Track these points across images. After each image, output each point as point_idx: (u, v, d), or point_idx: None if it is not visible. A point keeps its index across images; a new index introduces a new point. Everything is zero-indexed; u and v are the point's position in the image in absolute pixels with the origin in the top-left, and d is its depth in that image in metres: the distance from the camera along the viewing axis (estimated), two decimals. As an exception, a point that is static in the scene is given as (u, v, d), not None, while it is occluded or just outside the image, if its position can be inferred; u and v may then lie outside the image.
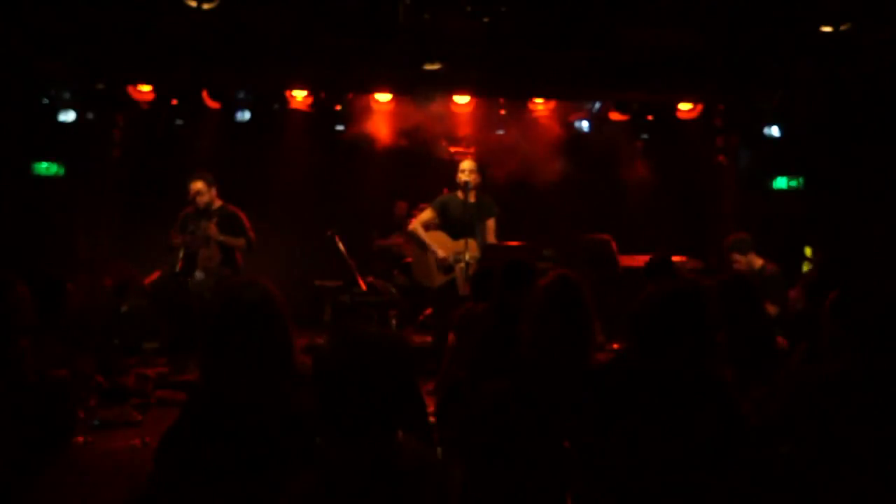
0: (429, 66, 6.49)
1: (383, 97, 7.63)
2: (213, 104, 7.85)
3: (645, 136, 8.58)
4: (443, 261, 6.18)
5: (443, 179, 7.15)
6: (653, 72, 6.88)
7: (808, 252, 7.15)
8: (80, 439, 4.10)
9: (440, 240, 6.28)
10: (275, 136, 8.35)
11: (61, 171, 7.89)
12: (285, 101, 7.80)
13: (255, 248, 6.50)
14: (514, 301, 3.30)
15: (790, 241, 7.52)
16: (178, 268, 6.28)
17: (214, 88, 7.70)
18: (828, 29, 5.64)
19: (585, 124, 8.37)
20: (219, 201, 6.46)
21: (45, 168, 7.86)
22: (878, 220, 7.23)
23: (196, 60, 6.78)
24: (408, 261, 7.31)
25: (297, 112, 7.99)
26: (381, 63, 6.69)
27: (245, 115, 7.98)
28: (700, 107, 7.87)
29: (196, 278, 6.24)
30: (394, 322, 6.96)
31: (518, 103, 7.99)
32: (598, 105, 8.18)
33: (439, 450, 3.18)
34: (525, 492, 2.44)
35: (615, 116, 8.08)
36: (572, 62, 6.69)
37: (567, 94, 7.75)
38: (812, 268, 6.71)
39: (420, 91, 7.11)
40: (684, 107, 7.85)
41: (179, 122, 8.35)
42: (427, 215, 6.40)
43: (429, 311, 7.35)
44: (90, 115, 7.64)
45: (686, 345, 2.31)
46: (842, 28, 5.60)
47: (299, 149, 8.45)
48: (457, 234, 6.20)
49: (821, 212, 7.76)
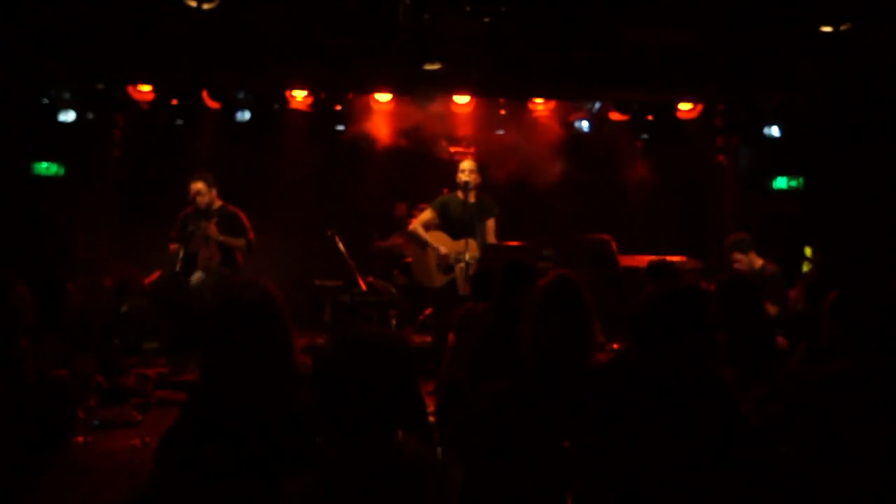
0: (429, 66, 6.49)
1: (383, 97, 7.63)
2: (213, 104, 7.85)
3: (645, 136, 8.58)
4: (445, 257, 6.18)
5: (443, 179, 7.14)
6: (653, 72, 6.88)
7: (808, 252, 7.15)
8: (80, 439, 4.10)
9: (440, 240, 6.29)
10: (275, 136, 8.34)
11: (61, 171, 7.89)
12: (285, 101, 7.81)
13: (255, 248, 6.51)
14: (514, 301, 3.30)
15: (790, 241, 7.52)
16: (178, 268, 6.29)
17: (214, 88, 7.70)
18: (828, 29, 5.64)
19: (585, 124, 8.36)
20: (219, 201, 6.47)
21: (45, 168, 7.87)
22: (878, 220, 7.23)
23: (196, 60, 6.78)
24: (408, 261, 7.31)
25: (297, 112, 8.00)
26: (381, 63, 6.69)
27: (245, 115, 7.98)
28: (700, 107, 7.87)
29: (195, 278, 6.25)
30: (394, 322, 6.95)
31: (518, 103, 7.99)
32: (598, 105, 8.17)
33: (439, 450, 3.18)
34: (525, 492, 2.43)
35: (615, 116, 8.08)
36: (572, 62, 6.69)
37: (567, 94, 7.75)
38: (812, 268, 6.71)
39: (420, 91, 7.11)
40: (684, 107, 7.85)
41: (179, 122, 8.36)
42: (427, 215, 6.41)
43: (429, 311, 7.34)
44: (90, 115, 7.65)
45: (686, 345, 2.31)
46: (842, 28, 5.60)
47: (299, 149, 8.44)
48: (457, 234, 6.20)
49: (821, 212, 7.75)
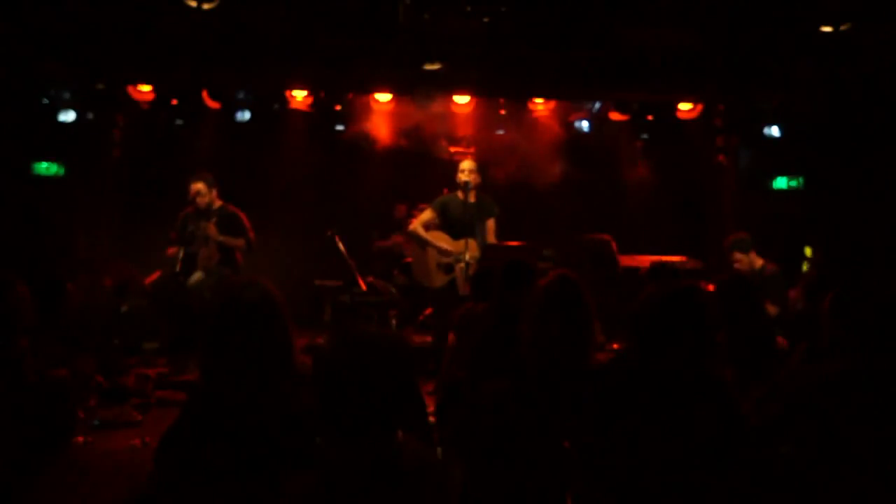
0: (429, 66, 6.50)
1: (383, 97, 7.63)
2: (213, 104, 7.85)
3: (645, 136, 8.59)
4: (447, 253, 6.18)
5: (443, 179, 7.14)
6: (653, 72, 6.88)
7: (808, 252, 7.15)
8: (80, 439, 4.10)
9: (440, 240, 6.28)
10: (275, 136, 8.34)
11: (61, 171, 7.89)
12: (285, 101, 7.81)
13: (255, 248, 6.51)
14: (514, 301, 3.30)
15: (790, 241, 7.52)
16: (178, 268, 6.28)
17: (214, 88, 7.70)
18: (828, 29, 5.65)
19: (585, 124, 8.37)
20: (219, 202, 6.47)
21: (45, 168, 7.87)
22: (878, 220, 7.23)
23: (196, 60, 6.78)
24: (408, 261, 7.31)
25: (297, 112, 8.00)
26: (381, 63, 6.69)
27: (245, 115, 7.99)
28: (700, 107, 7.87)
29: (195, 278, 6.25)
30: (394, 322, 6.95)
31: (518, 103, 7.99)
32: (598, 105, 8.17)
33: (439, 450, 3.18)
34: (525, 492, 2.43)
35: (615, 116, 8.08)
36: (572, 62, 6.69)
37: (567, 94, 7.75)
38: (811, 267, 6.71)
39: (420, 91, 7.11)
40: (684, 107, 7.85)
41: (179, 122, 8.36)
42: (427, 215, 6.40)
43: (429, 311, 7.34)
44: (90, 115, 7.65)
45: (686, 345, 2.30)
46: (842, 28, 5.60)
47: (299, 149, 8.45)
48: (457, 234, 6.20)
49: (821, 212, 7.75)
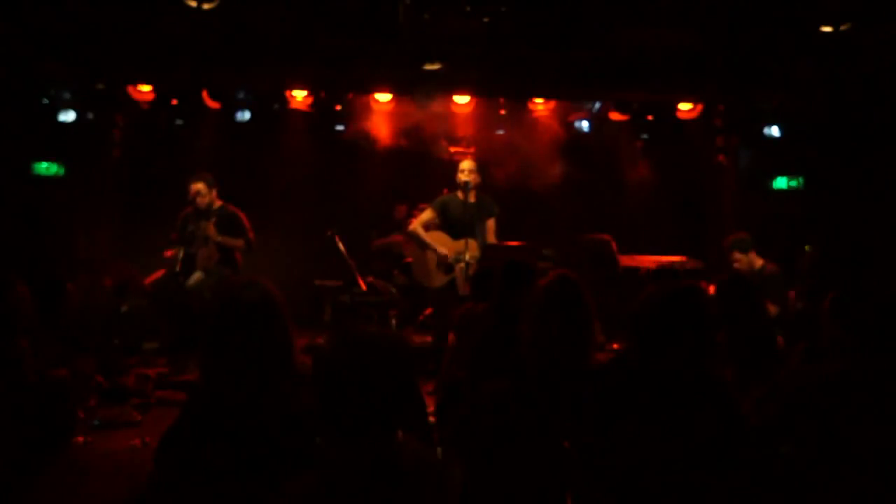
0: (429, 66, 6.50)
1: (383, 97, 7.63)
2: (213, 104, 7.85)
3: (645, 136, 8.59)
4: (444, 258, 6.18)
5: (443, 179, 7.14)
6: (653, 72, 6.88)
7: (808, 249, 7.16)
8: (80, 439, 4.10)
9: (440, 240, 6.28)
10: (275, 136, 8.34)
11: (61, 171, 7.89)
12: (285, 101, 7.80)
13: (255, 248, 6.50)
14: (514, 301, 3.30)
15: (790, 241, 7.52)
16: (178, 268, 6.28)
17: (214, 88, 7.70)
18: (828, 29, 5.65)
19: (585, 124, 8.37)
20: (219, 202, 6.47)
21: (45, 168, 7.86)
22: (878, 220, 7.23)
23: (196, 60, 6.78)
24: (408, 261, 7.30)
25: (297, 112, 8.00)
26: (381, 63, 6.69)
27: (245, 115, 7.98)
28: (700, 107, 7.87)
29: (195, 278, 6.24)
30: (394, 322, 6.95)
31: (518, 103, 7.99)
32: (598, 105, 8.17)
33: (439, 450, 3.18)
34: (525, 492, 2.43)
35: (615, 116, 8.08)
36: (572, 62, 6.69)
37: (567, 94, 7.75)
38: (807, 265, 6.70)
39: (420, 91, 7.11)
40: (684, 107, 7.85)
41: (179, 122, 8.36)
42: (427, 216, 6.40)
43: (429, 311, 7.35)
44: (90, 115, 7.65)
45: (686, 345, 2.30)
46: (842, 28, 5.60)
47: (299, 149, 8.45)
48: (457, 234, 6.20)
49: (821, 212, 7.75)
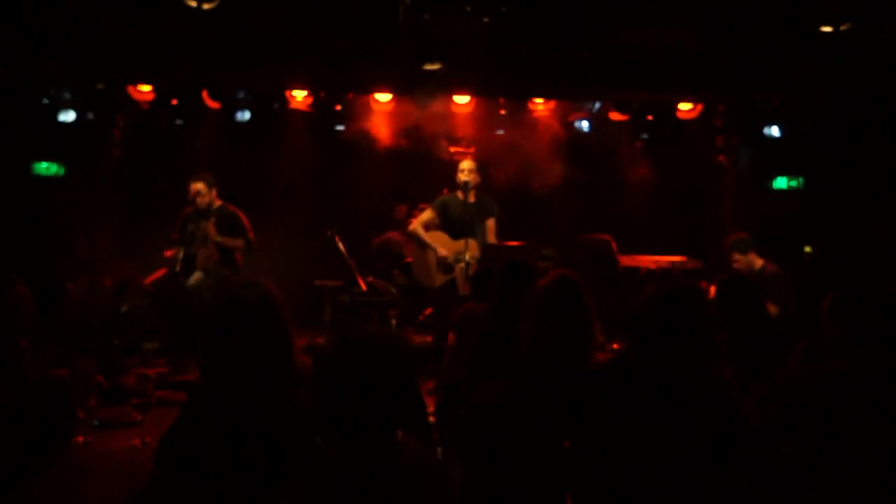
0: (429, 66, 6.50)
1: (383, 97, 7.63)
2: (213, 104, 7.85)
3: (645, 136, 8.58)
4: (444, 258, 6.18)
5: (443, 179, 7.14)
6: (653, 72, 6.88)
7: (808, 251, 7.17)
8: (80, 439, 4.10)
9: (440, 240, 6.28)
10: (275, 136, 8.34)
11: (61, 171, 7.89)
12: (285, 101, 7.81)
13: (255, 248, 6.50)
14: (514, 301, 3.30)
15: (790, 241, 7.52)
16: (178, 268, 6.28)
17: (214, 88, 7.70)
18: (828, 29, 5.65)
19: (585, 124, 8.37)
20: (219, 201, 6.47)
21: (45, 168, 7.86)
22: (878, 220, 7.23)
23: (196, 60, 6.78)
24: (408, 261, 7.30)
25: (297, 112, 8.00)
26: (381, 63, 6.69)
27: (245, 115, 7.98)
28: (700, 107, 7.87)
29: (195, 278, 6.24)
30: (394, 322, 6.95)
31: (518, 103, 7.99)
32: (598, 105, 8.17)
33: (439, 450, 3.18)
34: (525, 492, 2.43)
35: (615, 116, 8.08)
36: (572, 62, 6.70)
37: (567, 94, 7.75)
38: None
39: (420, 91, 7.11)
40: (684, 107, 7.85)
41: (179, 122, 8.36)
42: (427, 216, 6.40)
43: (429, 311, 7.34)
44: (90, 115, 7.65)
45: (686, 345, 2.31)
46: (842, 28, 5.60)
47: (299, 149, 8.45)
48: (457, 234, 6.20)
49: (821, 212, 7.76)
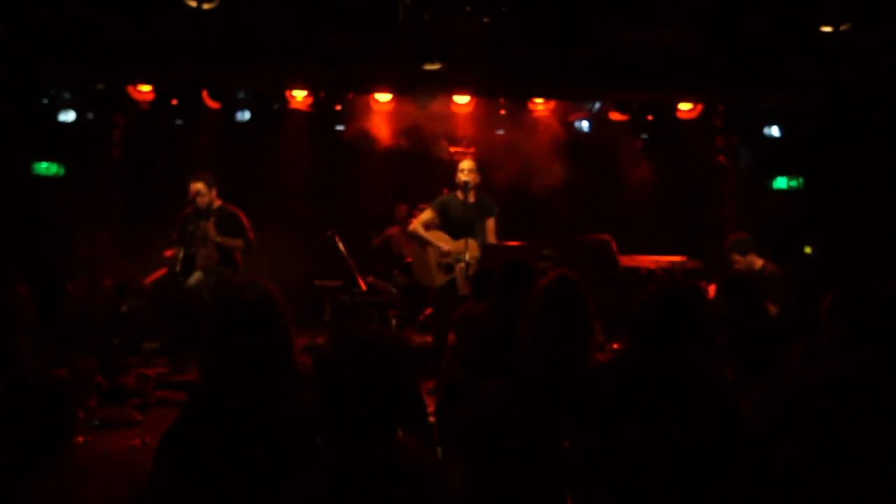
0: (429, 66, 6.50)
1: (383, 97, 7.63)
2: (213, 104, 7.85)
3: (645, 136, 8.59)
4: (447, 254, 6.17)
5: (443, 179, 7.14)
6: (653, 72, 6.88)
7: (808, 251, 7.17)
8: (80, 439, 4.10)
9: (441, 240, 6.28)
10: (275, 136, 8.35)
11: (61, 171, 7.89)
12: (285, 101, 7.81)
13: (255, 248, 6.50)
14: (514, 301, 3.30)
15: (790, 241, 7.52)
16: (178, 268, 6.28)
17: (214, 88, 7.70)
18: (828, 29, 5.65)
19: (585, 124, 8.37)
20: (218, 201, 6.47)
21: (45, 168, 7.87)
22: (878, 220, 7.23)
23: (196, 60, 6.78)
24: (408, 261, 7.30)
25: (297, 112, 8.00)
26: (381, 63, 6.69)
27: (245, 115, 7.99)
28: (700, 107, 7.87)
29: (194, 278, 6.24)
30: (394, 322, 6.95)
31: (518, 103, 7.99)
32: (598, 105, 8.17)
33: (439, 450, 3.18)
34: (525, 492, 2.43)
35: (615, 116, 8.08)
36: (572, 62, 6.70)
37: (567, 94, 7.75)
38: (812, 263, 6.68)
39: (420, 91, 7.11)
40: (684, 107, 7.85)
41: (179, 122, 8.36)
42: (427, 215, 6.40)
43: (429, 311, 7.35)
44: (90, 115, 7.65)
45: (686, 345, 2.31)
46: (842, 28, 5.60)
47: (299, 149, 8.45)
48: (457, 234, 6.20)
49: (821, 212, 7.76)
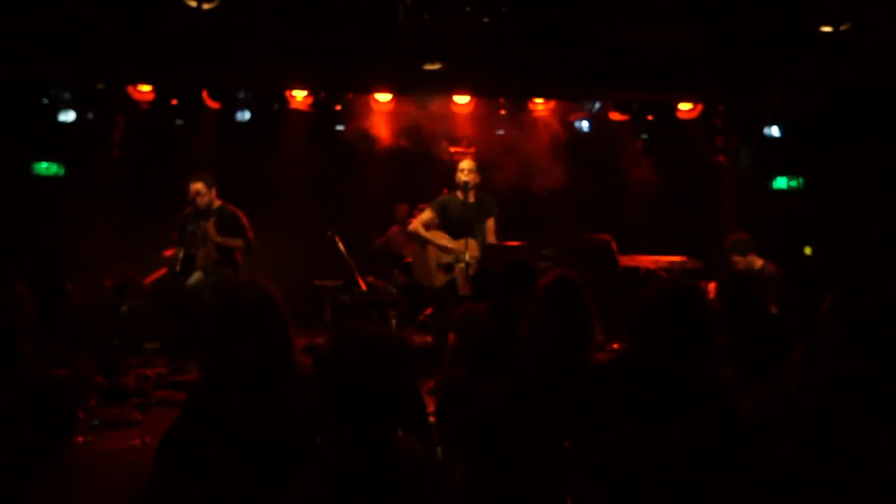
0: (429, 66, 6.50)
1: (383, 97, 7.63)
2: (213, 104, 7.85)
3: (645, 136, 8.59)
4: (448, 251, 6.16)
5: (443, 179, 7.14)
6: (653, 72, 6.88)
7: (808, 251, 7.17)
8: (80, 439, 4.10)
9: (441, 240, 6.28)
10: (275, 136, 8.35)
11: (61, 171, 7.90)
12: (285, 101, 7.81)
13: (255, 248, 6.50)
14: (514, 301, 3.30)
15: (790, 241, 7.52)
16: (178, 268, 6.28)
17: (214, 88, 7.70)
18: (828, 29, 5.65)
19: (585, 124, 8.37)
20: (218, 201, 6.47)
21: (45, 168, 7.87)
22: (878, 220, 7.23)
23: (196, 60, 6.78)
24: (408, 261, 7.30)
25: (297, 112, 8.00)
26: (381, 63, 6.69)
27: (245, 115, 7.99)
28: (700, 107, 7.87)
29: (194, 278, 6.24)
30: (394, 322, 6.95)
31: (518, 103, 7.99)
32: (598, 105, 8.17)
33: (439, 450, 3.18)
34: (525, 492, 2.43)
35: (615, 116, 8.08)
36: (572, 62, 6.69)
37: (567, 94, 7.75)
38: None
39: (420, 91, 7.11)
40: (684, 107, 7.85)
41: (179, 122, 8.36)
42: (427, 216, 6.39)
43: (429, 311, 7.35)
44: (90, 115, 7.65)
45: (686, 345, 2.30)
46: (842, 28, 5.60)
47: (299, 149, 8.45)
48: (457, 234, 6.20)
49: (821, 212, 7.76)
